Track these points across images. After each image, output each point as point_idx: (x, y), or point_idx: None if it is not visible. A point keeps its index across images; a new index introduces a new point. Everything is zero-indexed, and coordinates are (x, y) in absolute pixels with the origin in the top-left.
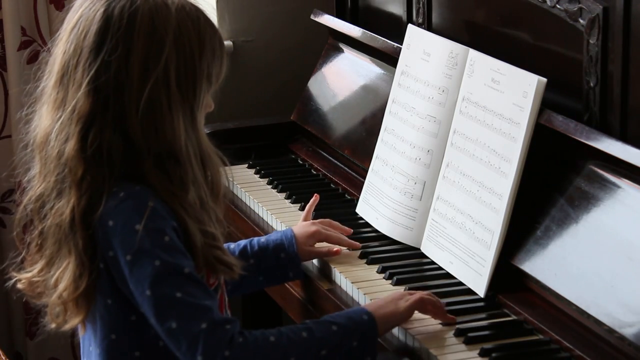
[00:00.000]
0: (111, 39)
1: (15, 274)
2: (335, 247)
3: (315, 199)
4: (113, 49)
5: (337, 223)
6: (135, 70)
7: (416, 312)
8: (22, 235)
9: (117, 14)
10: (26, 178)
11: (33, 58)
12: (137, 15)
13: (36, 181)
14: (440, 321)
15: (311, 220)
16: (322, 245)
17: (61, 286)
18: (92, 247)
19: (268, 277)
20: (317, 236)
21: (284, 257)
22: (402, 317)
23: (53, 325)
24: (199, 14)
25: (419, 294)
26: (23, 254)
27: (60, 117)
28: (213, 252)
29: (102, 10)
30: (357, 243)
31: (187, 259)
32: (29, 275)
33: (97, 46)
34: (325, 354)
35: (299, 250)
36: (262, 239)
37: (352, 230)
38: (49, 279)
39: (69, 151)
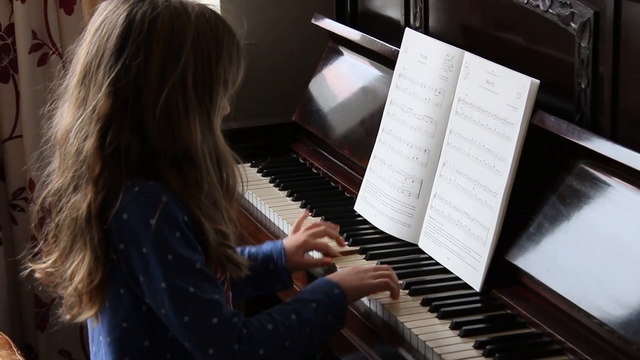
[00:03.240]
0: (132, 43)
1: (30, 264)
2: (326, 258)
3: (305, 213)
4: (133, 53)
5: (331, 231)
6: (154, 74)
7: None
8: (40, 228)
9: (139, 19)
10: (45, 172)
11: (43, 60)
12: (157, 21)
13: (55, 175)
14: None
15: (301, 230)
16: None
17: (77, 279)
18: (107, 242)
19: (255, 285)
20: (305, 246)
21: (272, 268)
22: (366, 292)
23: (68, 317)
24: (218, 21)
25: (385, 279)
26: (40, 246)
27: (81, 115)
28: (224, 250)
29: (124, 14)
30: (337, 254)
31: (198, 254)
32: (43, 265)
33: (119, 49)
34: (309, 332)
35: (287, 262)
36: (253, 249)
37: (346, 243)
38: (64, 271)
39: (88, 149)
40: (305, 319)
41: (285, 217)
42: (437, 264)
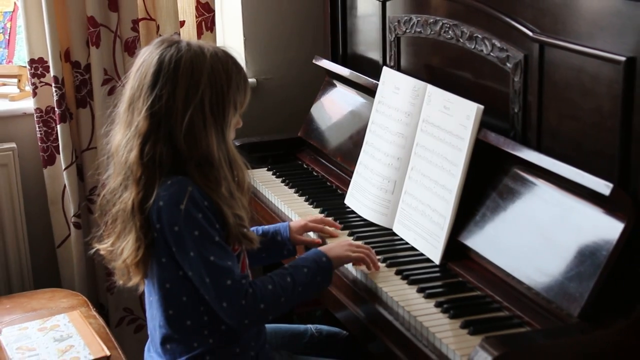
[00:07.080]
0: (162, 78)
1: (96, 245)
2: (317, 239)
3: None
4: (164, 86)
5: (328, 220)
6: (179, 101)
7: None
8: (102, 217)
9: (167, 60)
10: (104, 176)
11: (112, 91)
12: (181, 62)
13: (111, 179)
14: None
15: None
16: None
17: (125, 254)
18: (147, 227)
19: (268, 253)
20: (305, 227)
21: (280, 239)
22: (347, 262)
23: (120, 282)
24: (227, 59)
25: (363, 253)
26: (101, 231)
27: (128, 134)
28: (240, 229)
29: (157, 57)
30: (337, 233)
31: (216, 230)
32: (105, 246)
33: (153, 84)
34: (301, 290)
35: (291, 236)
36: (267, 226)
37: (341, 226)
38: (117, 249)
39: (132, 158)
40: (298, 281)
41: (293, 208)
42: (407, 243)
